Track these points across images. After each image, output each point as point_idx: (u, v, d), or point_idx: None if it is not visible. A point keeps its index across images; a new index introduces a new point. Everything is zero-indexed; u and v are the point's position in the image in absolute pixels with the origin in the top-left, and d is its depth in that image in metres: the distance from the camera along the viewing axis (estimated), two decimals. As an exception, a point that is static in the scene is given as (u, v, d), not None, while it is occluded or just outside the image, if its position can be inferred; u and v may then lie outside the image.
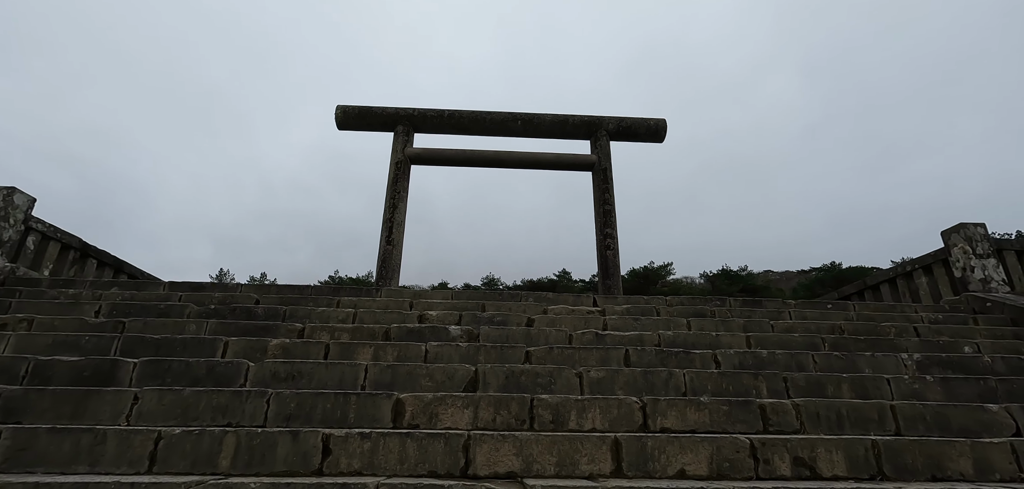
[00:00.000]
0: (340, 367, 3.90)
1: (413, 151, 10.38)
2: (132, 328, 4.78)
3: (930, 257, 8.80)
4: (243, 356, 4.27)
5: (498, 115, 11.01)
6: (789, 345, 4.98)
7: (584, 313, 5.89)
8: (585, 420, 3.36)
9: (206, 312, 5.29)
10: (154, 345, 4.31)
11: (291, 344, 4.39)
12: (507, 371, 3.95)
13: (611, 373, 3.98)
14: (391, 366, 3.94)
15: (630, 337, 4.97)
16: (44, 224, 8.31)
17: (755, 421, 3.42)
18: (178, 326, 4.84)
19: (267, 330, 4.84)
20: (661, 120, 11.40)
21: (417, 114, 10.71)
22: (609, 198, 10.46)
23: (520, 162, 10.86)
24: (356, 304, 5.86)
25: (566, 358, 4.44)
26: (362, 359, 4.31)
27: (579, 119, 11.17)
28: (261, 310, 5.38)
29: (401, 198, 9.91)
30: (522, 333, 4.98)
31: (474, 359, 4.41)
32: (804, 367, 4.45)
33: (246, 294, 6.09)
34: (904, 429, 3.45)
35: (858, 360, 4.53)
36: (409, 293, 6.31)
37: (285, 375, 3.83)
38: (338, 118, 10.88)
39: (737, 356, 4.52)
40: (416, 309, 5.80)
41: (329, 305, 5.82)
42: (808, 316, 6.04)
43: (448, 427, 3.26)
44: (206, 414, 3.24)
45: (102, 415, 3.21)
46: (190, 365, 3.83)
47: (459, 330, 4.94)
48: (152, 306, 5.33)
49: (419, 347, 4.45)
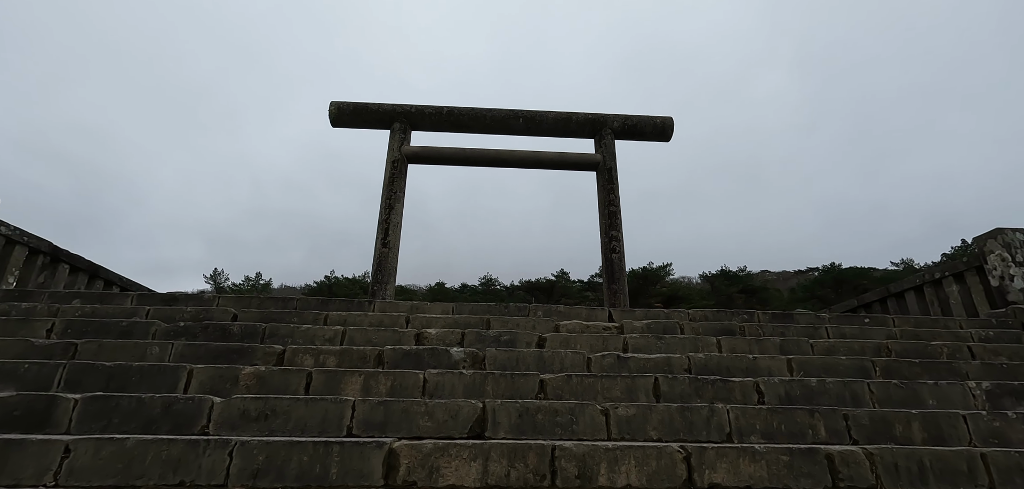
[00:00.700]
0: (323, 404, 3.29)
1: (410, 149, 9.79)
2: (84, 352, 4.15)
3: (962, 264, 8.26)
4: (209, 389, 3.65)
5: (499, 112, 10.45)
6: (837, 370, 4.40)
7: (600, 329, 5.30)
8: (618, 475, 2.76)
9: (175, 331, 4.66)
10: (106, 375, 3.69)
11: (267, 373, 3.78)
12: (520, 408, 3.35)
13: (642, 410, 3.39)
14: (383, 402, 3.33)
15: (656, 361, 4.38)
16: (8, 226, 7.65)
17: (823, 475, 2.83)
18: (139, 350, 4.21)
19: (242, 354, 4.22)
20: (668, 118, 10.89)
21: (415, 111, 10.13)
22: (614, 199, 9.93)
23: (522, 161, 10.32)
24: (346, 319, 5.24)
25: (587, 389, 3.84)
26: (350, 392, 3.70)
27: (583, 117, 10.63)
28: (238, 328, 4.75)
29: (398, 198, 9.32)
30: (533, 356, 4.38)
31: (480, 391, 3.80)
32: (860, 400, 3.87)
33: (223, 308, 5.46)
34: (999, 484, 2.87)
35: (920, 390, 3.95)
36: (405, 306, 5.70)
37: (257, 414, 3.22)
38: (332, 115, 10.30)
39: (782, 386, 3.94)
40: (413, 325, 5.19)
41: (315, 321, 5.21)
42: (847, 333, 5.46)
43: (452, 486, 2.66)
44: (153, 470, 2.62)
45: (23, 473, 2.58)
46: (143, 403, 3.21)
47: (462, 353, 4.33)
48: (113, 324, 4.70)
49: (416, 376, 3.84)
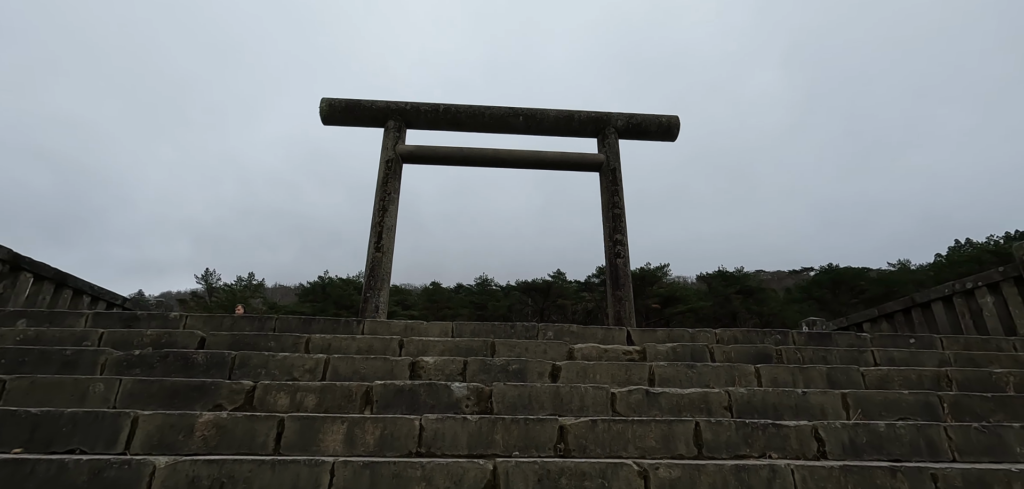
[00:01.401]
0: (295, 469, 2.63)
1: (405, 149, 9.16)
2: (13, 392, 3.47)
3: (997, 273, 7.71)
4: (157, 442, 2.99)
5: (498, 110, 9.84)
6: (900, 408, 3.80)
7: (619, 354, 4.67)
8: (671, 570, 2.14)
9: (128, 361, 3.99)
10: (31, 425, 3.02)
11: (230, 421, 3.12)
12: (539, 470, 2.72)
13: (688, 471, 2.76)
14: (369, 463, 2.69)
15: (691, 398, 3.76)
16: (-41, 234, 6.92)
17: (929, 568, 2.23)
18: (79, 389, 3.53)
19: (203, 393, 3.56)
20: (673, 117, 10.35)
21: (410, 108, 9.50)
22: (618, 201, 9.37)
23: (522, 161, 9.73)
24: (330, 345, 4.59)
25: (615, 437, 3.21)
26: (330, 447, 3.05)
27: (585, 115, 10.07)
28: (203, 357, 4.08)
29: (392, 200, 8.68)
30: (548, 392, 3.75)
31: (488, 441, 3.16)
32: (939, 450, 3.26)
33: (190, 330, 4.79)
34: None
35: (1005, 436, 3.36)
36: (399, 327, 5.05)
37: (210, 483, 2.56)
38: (323, 112, 9.66)
39: (844, 431, 3.33)
40: (407, 351, 4.54)
41: (295, 347, 4.54)
42: (896, 358, 4.87)
43: None
44: (62, 577, 1.97)
45: None
46: (66, 468, 2.55)
47: (465, 390, 3.69)
48: (55, 353, 4.02)
49: (411, 423, 3.19)
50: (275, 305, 55.80)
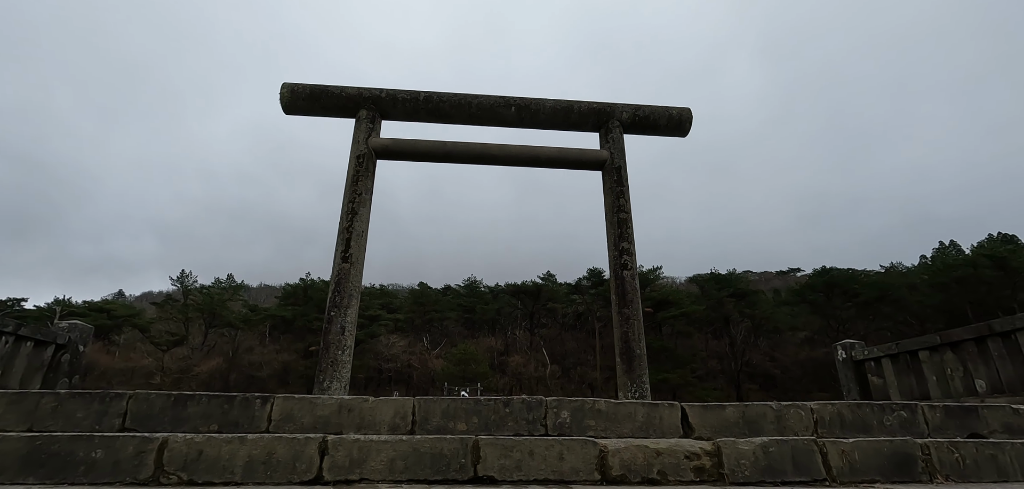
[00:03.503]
0: None
1: (380, 142, 7.95)
2: None
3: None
4: None
5: (486, 100, 8.68)
6: None
7: (681, 460, 3.03)
8: None
9: None
10: None
11: None
12: None
13: None
14: None
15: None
16: None
17: None
18: None
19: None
20: (685, 109, 9.24)
21: (385, 96, 8.29)
22: (624, 203, 8.23)
23: (514, 158, 8.56)
24: (200, 455, 2.78)
25: None
26: None
27: (586, 106, 8.92)
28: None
29: (363, 202, 7.49)
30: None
31: None
32: None
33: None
34: None
35: None
36: (328, 409, 3.30)
37: None
38: (284, 99, 8.38)
39: None
40: (332, 467, 2.77)
41: (136, 463, 2.55)
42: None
43: None
44: None
45: None
46: None
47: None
48: None
49: None
50: (256, 307, 53.12)
